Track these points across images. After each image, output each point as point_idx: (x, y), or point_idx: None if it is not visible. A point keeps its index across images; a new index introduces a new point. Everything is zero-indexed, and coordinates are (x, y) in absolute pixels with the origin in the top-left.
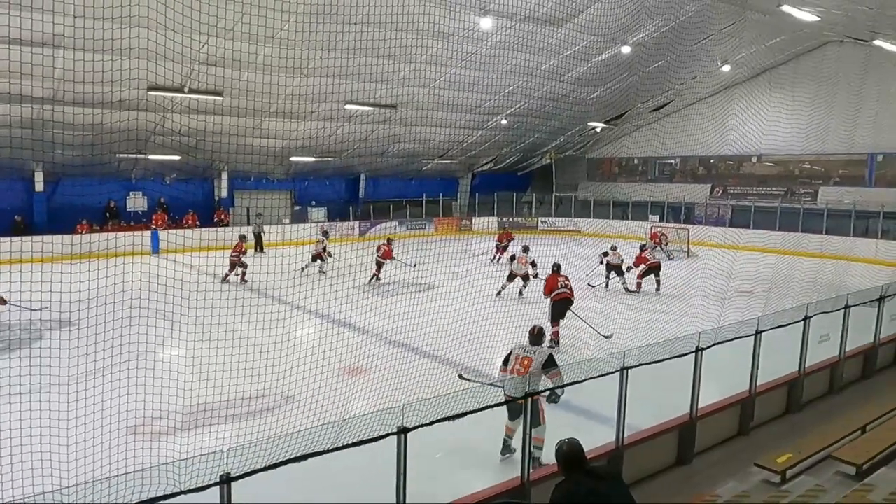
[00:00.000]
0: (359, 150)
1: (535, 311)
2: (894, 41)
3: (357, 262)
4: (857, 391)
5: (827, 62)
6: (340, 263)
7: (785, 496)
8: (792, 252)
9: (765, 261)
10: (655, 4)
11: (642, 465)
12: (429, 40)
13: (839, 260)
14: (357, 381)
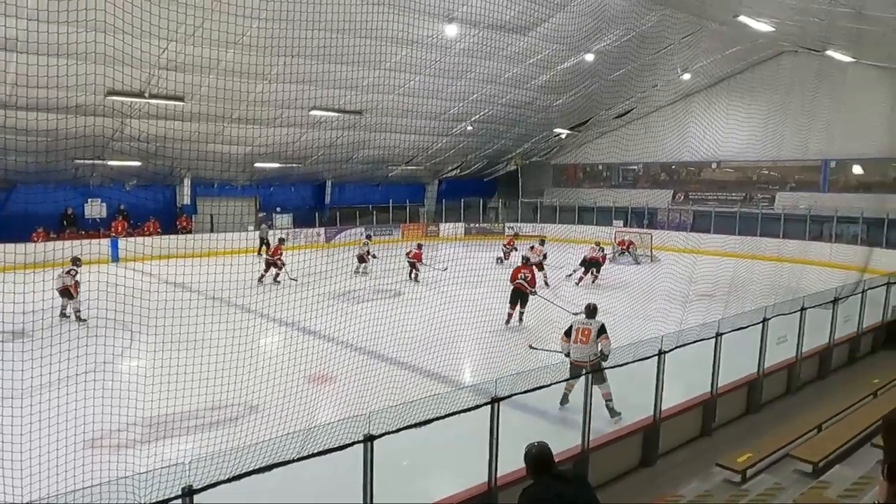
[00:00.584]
0: (324, 157)
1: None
2: (845, 52)
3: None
4: (814, 391)
5: (782, 71)
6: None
7: (745, 495)
8: (750, 256)
9: (724, 264)
10: (617, 14)
11: (608, 467)
12: (394, 47)
13: (795, 263)
14: (323, 390)
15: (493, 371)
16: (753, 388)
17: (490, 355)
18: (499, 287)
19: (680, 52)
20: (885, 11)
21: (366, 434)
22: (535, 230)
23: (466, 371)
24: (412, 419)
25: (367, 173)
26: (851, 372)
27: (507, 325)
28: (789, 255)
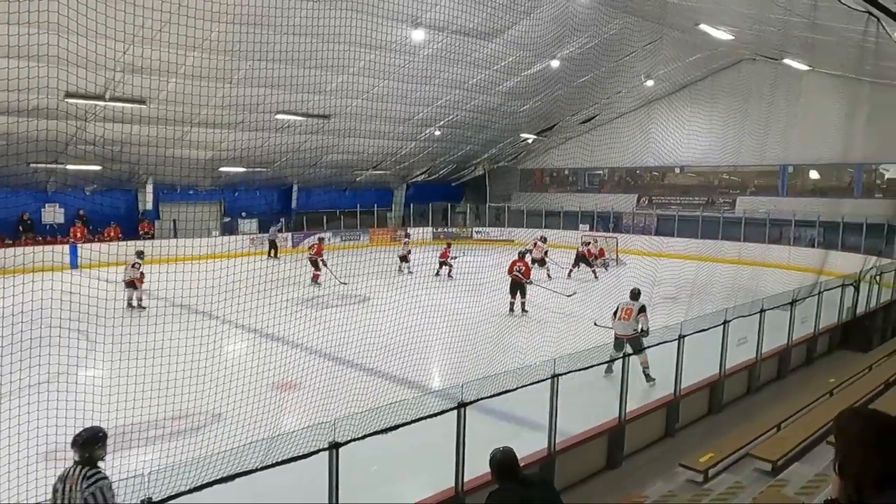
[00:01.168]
0: (290, 161)
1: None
2: (801, 60)
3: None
4: (773, 391)
5: (741, 78)
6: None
7: (707, 494)
8: (712, 259)
9: (687, 267)
10: (581, 21)
11: (574, 470)
12: (360, 51)
13: (755, 266)
14: (288, 397)
15: (461, 375)
16: (715, 388)
17: (458, 360)
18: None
19: (643, 59)
20: (835, 22)
21: (331, 441)
22: (502, 234)
23: (434, 376)
24: (378, 425)
25: (334, 178)
26: (809, 372)
27: (510, 314)
28: (749, 258)
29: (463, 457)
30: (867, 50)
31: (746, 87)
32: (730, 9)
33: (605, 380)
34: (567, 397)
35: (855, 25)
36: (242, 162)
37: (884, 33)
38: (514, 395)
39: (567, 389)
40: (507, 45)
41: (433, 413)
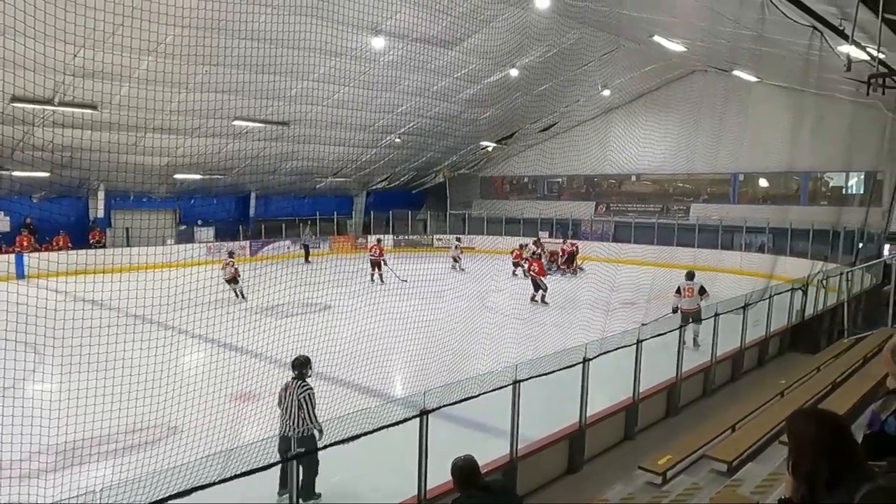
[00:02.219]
0: (249, 168)
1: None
2: (750, 72)
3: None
4: (727, 392)
5: (694, 89)
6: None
7: (666, 496)
8: (667, 265)
9: (644, 273)
10: (539, 31)
11: (536, 475)
12: (320, 58)
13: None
14: (248, 408)
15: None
16: (672, 392)
17: (420, 367)
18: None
19: (600, 69)
20: (782, 36)
21: (292, 452)
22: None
23: (397, 384)
24: (339, 435)
25: (293, 185)
26: (761, 374)
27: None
28: (703, 264)
29: (425, 465)
30: (812, 63)
31: (699, 97)
32: (682, 21)
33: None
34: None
35: (800, 39)
36: (199, 169)
37: (827, 47)
38: (477, 401)
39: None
40: (468, 54)
41: (395, 422)
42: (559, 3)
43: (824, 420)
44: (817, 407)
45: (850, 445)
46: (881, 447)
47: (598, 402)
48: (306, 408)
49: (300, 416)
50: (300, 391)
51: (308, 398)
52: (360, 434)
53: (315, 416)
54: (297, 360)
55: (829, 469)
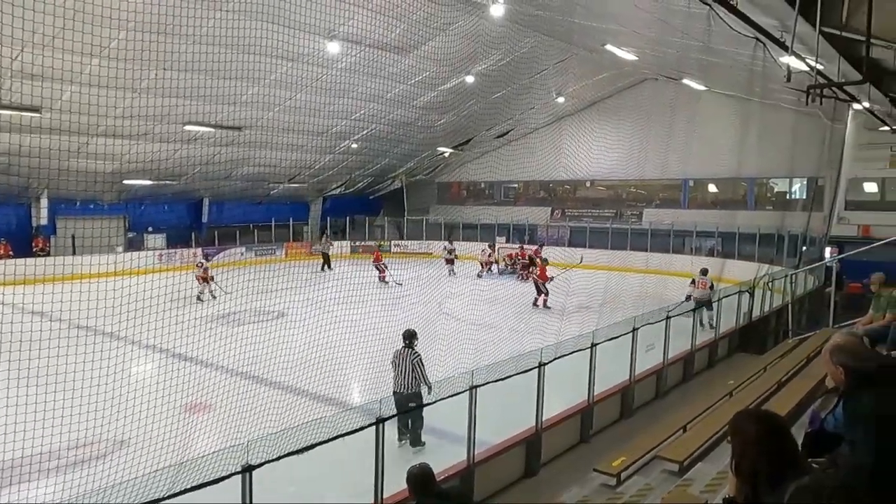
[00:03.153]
0: (201, 174)
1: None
2: (698, 80)
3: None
4: (679, 394)
5: (645, 97)
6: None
7: (620, 497)
8: (621, 268)
9: (598, 277)
10: (494, 38)
11: (493, 480)
12: (274, 62)
13: (660, 275)
14: (200, 419)
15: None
16: (626, 394)
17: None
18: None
19: (554, 76)
20: (727, 46)
21: (244, 464)
22: (420, 247)
23: (354, 391)
24: (295, 445)
25: (247, 191)
26: (711, 374)
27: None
28: (655, 268)
29: (382, 473)
30: (756, 73)
31: (649, 105)
32: (632, 31)
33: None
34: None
35: (744, 50)
36: (149, 174)
37: (769, 58)
38: (434, 407)
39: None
40: (424, 60)
41: (351, 430)
42: (513, 11)
43: (764, 420)
44: (758, 407)
45: (790, 444)
46: (821, 444)
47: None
48: (419, 369)
49: (413, 375)
50: (413, 357)
51: (420, 362)
52: (315, 444)
53: (426, 375)
54: (407, 332)
55: (770, 467)
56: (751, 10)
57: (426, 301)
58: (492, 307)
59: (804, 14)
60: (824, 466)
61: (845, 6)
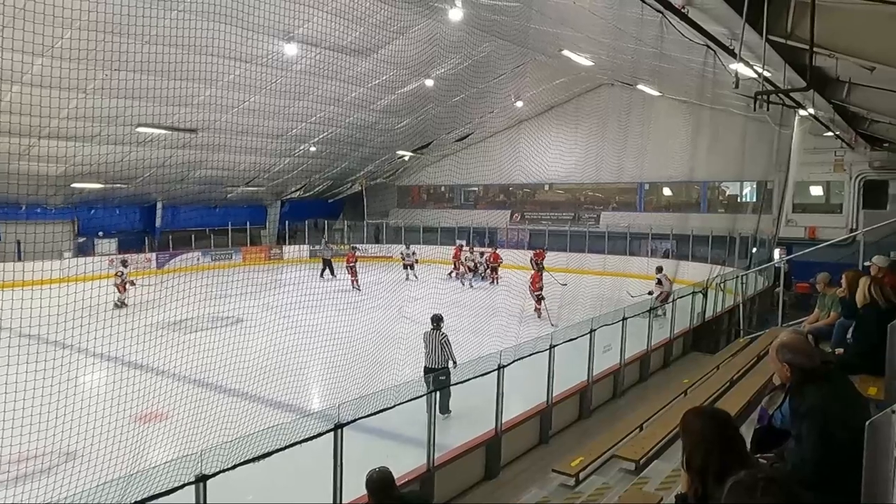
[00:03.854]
0: (154, 177)
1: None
2: (653, 86)
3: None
4: (636, 393)
5: (601, 102)
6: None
7: (578, 497)
8: (578, 271)
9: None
10: (453, 42)
11: (453, 483)
12: (230, 64)
13: (617, 276)
14: (153, 428)
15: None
16: (584, 395)
17: (336, 380)
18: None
19: (513, 81)
20: (679, 53)
21: (198, 474)
22: (381, 251)
23: (312, 397)
24: (251, 453)
25: (203, 194)
26: (666, 374)
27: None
28: (612, 270)
29: (340, 479)
30: (707, 79)
31: (605, 110)
32: (587, 37)
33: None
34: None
35: (696, 57)
36: (99, 177)
37: (720, 65)
38: (394, 412)
39: None
40: (383, 63)
41: (309, 437)
42: (471, 15)
43: (713, 417)
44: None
45: (737, 440)
46: (769, 440)
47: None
48: (448, 349)
49: (442, 353)
50: (441, 338)
51: (447, 342)
52: (272, 451)
53: (453, 353)
54: (435, 316)
55: (719, 463)
56: (701, 18)
57: (386, 305)
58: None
59: (752, 23)
60: (772, 461)
61: (790, 16)
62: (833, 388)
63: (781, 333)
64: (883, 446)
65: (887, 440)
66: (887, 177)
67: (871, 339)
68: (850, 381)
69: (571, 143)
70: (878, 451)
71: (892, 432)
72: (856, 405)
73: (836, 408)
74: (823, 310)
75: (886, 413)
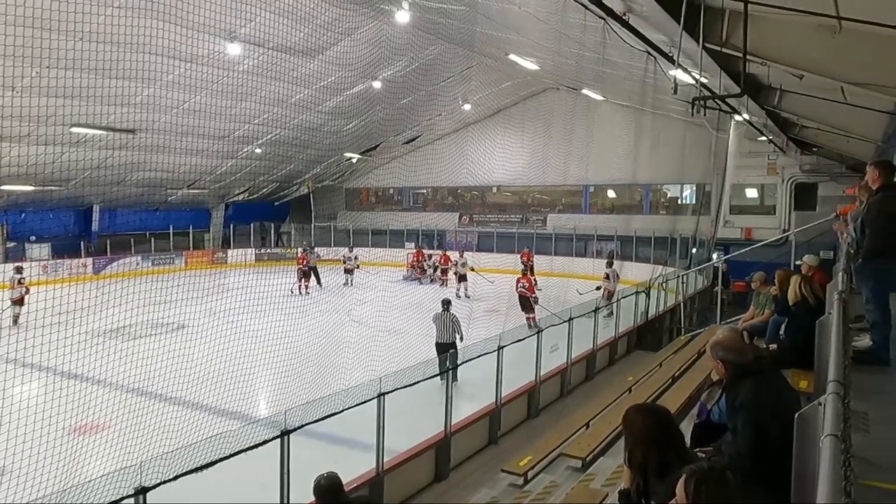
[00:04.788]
0: (91, 179)
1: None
2: (596, 91)
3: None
4: (583, 392)
5: (546, 105)
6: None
7: (527, 496)
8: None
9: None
10: (400, 45)
11: (403, 486)
12: (170, 63)
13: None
14: (90, 441)
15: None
16: (532, 395)
17: (283, 385)
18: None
19: (460, 84)
20: (621, 59)
21: (137, 486)
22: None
23: (259, 404)
24: (194, 463)
25: (143, 197)
26: (611, 372)
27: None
28: (559, 271)
29: (288, 487)
30: (648, 84)
31: (551, 113)
32: (532, 41)
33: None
34: (397, 414)
35: (637, 63)
36: (31, 179)
37: (660, 70)
38: (342, 416)
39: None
40: (329, 64)
41: (254, 444)
42: (419, 18)
43: (653, 414)
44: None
45: (676, 436)
46: (708, 434)
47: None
48: (457, 327)
49: (452, 330)
50: (451, 318)
51: (457, 321)
52: (215, 460)
53: (461, 330)
54: (445, 300)
55: (659, 458)
56: (641, 25)
57: (335, 309)
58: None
59: (689, 30)
60: (710, 455)
61: (725, 25)
62: (766, 382)
63: (717, 331)
64: (811, 437)
65: (815, 431)
66: (816, 179)
67: (802, 335)
68: (782, 376)
69: (518, 145)
70: (807, 441)
71: (818, 424)
72: (787, 398)
73: (768, 401)
74: (758, 307)
75: (814, 405)
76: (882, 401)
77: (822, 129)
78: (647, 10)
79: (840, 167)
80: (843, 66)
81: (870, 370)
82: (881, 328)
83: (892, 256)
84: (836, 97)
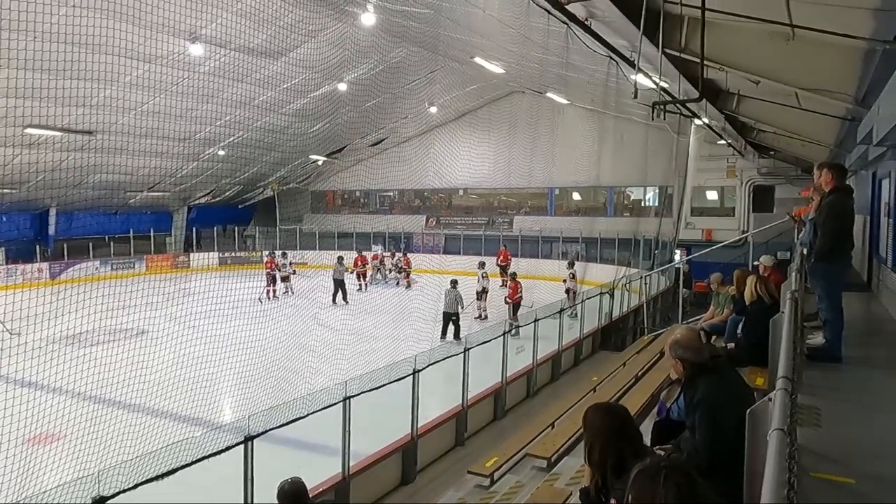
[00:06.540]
0: (47, 181)
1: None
2: (561, 95)
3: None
4: (548, 392)
5: (512, 109)
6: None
7: (493, 497)
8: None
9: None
10: (365, 47)
11: (369, 490)
12: (129, 63)
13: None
14: (46, 450)
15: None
16: (499, 396)
17: (247, 390)
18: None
19: (426, 87)
20: (584, 63)
21: (95, 496)
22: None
23: (223, 409)
24: (154, 471)
25: (102, 200)
26: (577, 372)
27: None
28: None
29: (252, 493)
30: (610, 89)
31: (516, 116)
32: (497, 45)
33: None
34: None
35: (600, 67)
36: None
37: (622, 75)
38: (307, 421)
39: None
40: (293, 66)
41: (217, 451)
42: (384, 20)
43: (610, 413)
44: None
45: (634, 434)
46: (668, 432)
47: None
48: (460, 300)
49: (456, 303)
50: (457, 293)
51: (462, 296)
52: (176, 468)
53: (463, 301)
54: (453, 280)
55: (617, 456)
56: (603, 30)
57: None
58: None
59: (649, 36)
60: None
61: (684, 31)
62: (722, 380)
63: (676, 331)
64: (761, 432)
65: (765, 426)
66: (773, 182)
67: (758, 334)
68: (738, 374)
69: (484, 148)
70: (757, 436)
71: (768, 419)
72: (742, 396)
73: (724, 399)
74: (718, 307)
75: (763, 401)
76: (834, 396)
77: (778, 133)
78: (609, 15)
79: (796, 170)
80: (797, 72)
81: (823, 367)
82: (834, 326)
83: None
84: (791, 102)
